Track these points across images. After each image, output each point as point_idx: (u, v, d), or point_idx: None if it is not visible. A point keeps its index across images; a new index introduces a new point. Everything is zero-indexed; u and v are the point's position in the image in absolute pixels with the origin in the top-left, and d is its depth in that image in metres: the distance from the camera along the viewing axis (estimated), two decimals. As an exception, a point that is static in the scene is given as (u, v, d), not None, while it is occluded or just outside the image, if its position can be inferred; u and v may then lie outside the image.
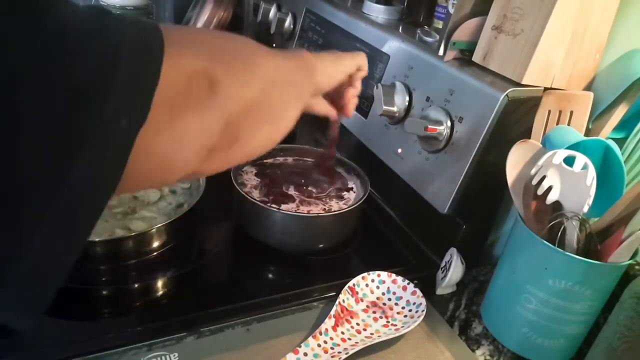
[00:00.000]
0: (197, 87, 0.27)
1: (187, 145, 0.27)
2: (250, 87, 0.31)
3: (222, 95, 0.28)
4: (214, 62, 0.28)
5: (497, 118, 0.53)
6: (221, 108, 0.29)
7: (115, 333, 0.48)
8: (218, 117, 0.29)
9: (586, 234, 0.46)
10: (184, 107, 0.26)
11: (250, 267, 0.62)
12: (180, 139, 0.26)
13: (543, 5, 0.50)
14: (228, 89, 0.29)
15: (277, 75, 0.35)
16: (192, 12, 1.10)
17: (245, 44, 0.34)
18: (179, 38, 0.27)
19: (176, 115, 0.25)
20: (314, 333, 0.49)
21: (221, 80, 0.28)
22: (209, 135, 0.28)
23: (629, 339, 0.41)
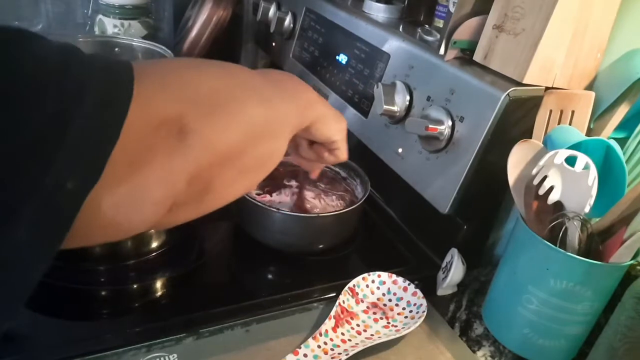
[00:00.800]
0: (164, 136, 0.24)
1: (145, 201, 0.24)
2: (227, 136, 0.28)
3: (191, 146, 0.25)
4: (186, 109, 0.25)
5: (498, 118, 0.52)
6: (189, 159, 0.26)
7: (114, 334, 0.48)
8: (185, 168, 0.26)
9: (587, 234, 0.46)
10: (146, 159, 0.24)
11: (250, 267, 0.62)
12: (138, 194, 0.24)
13: (544, 4, 0.50)
14: (200, 138, 0.26)
15: (267, 121, 0.31)
16: (192, 11, 1.09)
17: (234, 85, 0.30)
18: (152, 78, 0.25)
19: (136, 168, 0.23)
20: (314, 334, 0.49)
21: (193, 128, 0.25)
22: (172, 187, 0.25)
23: (631, 339, 0.41)
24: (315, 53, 0.86)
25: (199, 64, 0.30)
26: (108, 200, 0.22)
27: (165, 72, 0.27)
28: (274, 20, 0.94)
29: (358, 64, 0.75)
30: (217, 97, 0.28)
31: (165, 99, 0.25)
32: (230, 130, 0.28)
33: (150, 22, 1.07)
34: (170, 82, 0.26)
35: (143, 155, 0.23)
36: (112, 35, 1.01)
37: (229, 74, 0.31)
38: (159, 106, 0.24)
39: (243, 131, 0.29)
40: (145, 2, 1.05)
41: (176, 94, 0.26)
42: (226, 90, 0.29)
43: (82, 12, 1.08)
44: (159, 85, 0.25)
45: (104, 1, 1.01)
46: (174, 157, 0.25)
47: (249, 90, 0.31)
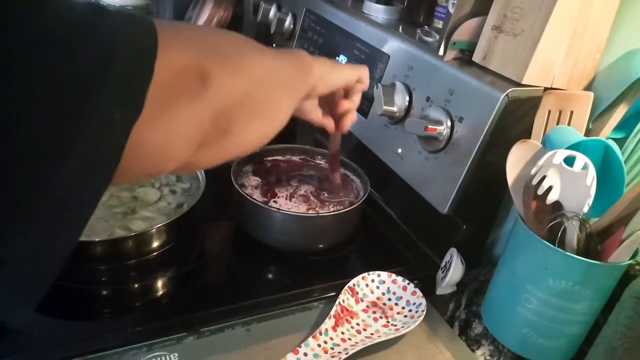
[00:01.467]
0: (188, 80, 0.28)
1: (179, 135, 0.28)
2: (240, 81, 0.32)
3: (212, 87, 0.29)
4: (205, 57, 0.29)
5: (497, 118, 0.53)
6: (212, 99, 0.30)
7: (115, 333, 0.48)
8: (208, 108, 0.30)
9: (586, 234, 0.46)
10: (175, 99, 0.27)
11: (250, 267, 0.62)
12: (172, 129, 0.27)
13: (543, 5, 0.50)
14: (218, 81, 0.30)
15: (268, 72, 0.36)
16: (192, 11, 1.10)
17: (237, 40, 0.35)
18: (172, 34, 0.28)
19: (167, 107, 0.26)
20: (314, 333, 0.49)
21: (212, 73, 0.29)
22: (200, 125, 0.29)
23: (630, 339, 0.41)
24: (316, 54, 0.86)
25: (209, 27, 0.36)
26: (148, 134, 0.25)
27: (182, 28, 0.31)
28: (274, 21, 0.94)
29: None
30: (230, 50, 0.33)
31: (185, 48, 0.28)
32: (242, 75, 0.33)
33: (150, 22, 1.08)
34: (189, 36, 0.30)
35: (173, 95, 0.27)
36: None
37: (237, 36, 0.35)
38: (181, 54, 0.28)
39: (252, 77, 0.33)
40: (146, 3, 1.06)
41: (194, 45, 0.29)
42: (237, 46, 0.34)
43: (83, 12, 1.08)
44: (179, 38, 0.29)
45: (105, 1, 1.01)
46: (198, 98, 0.29)
47: (255, 48, 0.36)
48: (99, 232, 0.57)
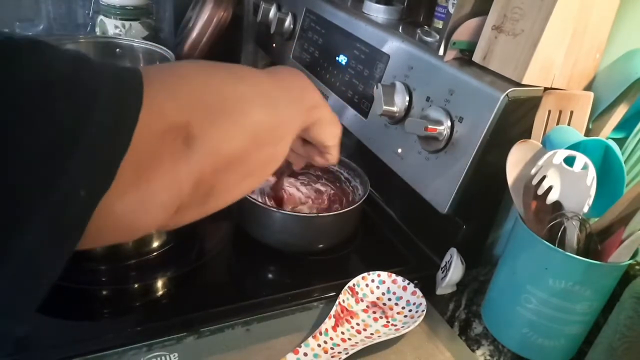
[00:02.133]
0: (170, 144, 0.25)
1: (153, 205, 0.25)
2: (232, 142, 0.29)
3: (197, 152, 0.26)
4: (194, 116, 0.26)
5: (497, 118, 0.53)
6: (194, 165, 0.26)
7: (115, 333, 0.48)
8: (190, 175, 0.26)
9: (586, 234, 0.46)
10: (153, 165, 0.24)
11: (250, 267, 0.62)
12: (146, 199, 0.24)
13: (543, 5, 0.50)
14: (205, 145, 0.27)
15: (269, 124, 0.31)
16: (192, 11, 1.10)
17: (237, 85, 0.30)
18: (161, 85, 0.25)
19: (143, 175, 0.24)
20: (314, 333, 0.49)
21: (199, 135, 0.26)
22: (179, 192, 0.26)
23: (630, 339, 0.41)
24: (315, 54, 0.86)
25: (208, 68, 0.30)
26: (118, 206, 0.23)
27: (174, 78, 0.27)
28: (274, 21, 0.94)
29: (358, 65, 0.75)
30: (224, 105, 0.28)
31: (173, 106, 0.25)
32: (235, 137, 0.29)
33: (151, 22, 1.08)
34: (179, 89, 0.27)
35: (150, 161, 0.24)
36: (113, 36, 1.02)
37: (237, 78, 0.31)
38: (167, 114, 0.25)
39: (247, 138, 0.30)
40: (146, 3, 1.05)
41: (184, 101, 0.26)
42: (233, 97, 0.29)
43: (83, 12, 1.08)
44: (167, 92, 0.26)
45: (105, 2, 1.01)
46: (180, 163, 0.26)
47: (255, 96, 0.31)
48: (99, 232, 0.57)
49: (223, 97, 0.29)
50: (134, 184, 0.23)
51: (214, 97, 0.28)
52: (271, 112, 0.32)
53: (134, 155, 0.22)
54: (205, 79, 0.29)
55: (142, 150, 0.23)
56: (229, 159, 0.29)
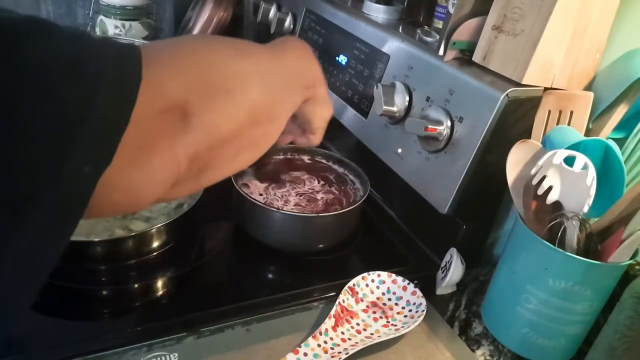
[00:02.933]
0: (169, 122, 0.26)
1: (153, 179, 0.26)
2: (229, 120, 0.29)
3: (194, 129, 0.27)
4: (192, 94, 0.26)
5: (497, 118, 0.53)
6: (191, 142, 0.27)
7: (115, 333, 0.48)
8: (187, 151, 0.27)
9: (586, 234, 0.46)
10: (152, 142, 0.25)
11: (250, 267, 0.62)
12: (146, 174, 0.25)
13: (543, 5, 0.50)
14: (202, 122, 0.27)
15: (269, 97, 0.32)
16: (192, 11, 1.10)
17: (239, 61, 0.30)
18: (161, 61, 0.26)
19: (143, 151, 0.24)
20: (314, 333, 0.49)
21: (196, 113, 0.26)
22: (176, 168, 0.27)
23: (629, 339, 0.41)
24: (315, 54, 0.86)
25: (210, 44, 0.31)
26: (118, 181, 0.23)
27: (173, 54, 0.28)
28: (274, 21, 0.94)
29: (358, 65, 0.75)
30: (223, 82, 0.29)
31: (172, 84, 0.26)
32: (232, 116, 0.29)
33: (151, 22, 1.08)
34: (178, 67, 0.27)
35: (149, 139, 0.25)
36: (113, 36, 1.02)
37: (238, 54, 0.31)
38: (165, 92, 0.25)
39: (244, 116, 0.30)
40: (146, 3, 1.05)
41: (183, 78, 0.26)
42: (232, 74, 0.29)
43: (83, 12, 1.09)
44: (167, 70, 0.26)
45: (105, 2, 1.01)
46: (178, 140, 0.26)
47: (255, 74, 0.31)
48: (99, 232, 0.57)
49: (222, 74, 0.29)
50: (134, 161, 0.24)
51: (213, 74, 0.28)
52: (270, 91, 0.32)
53: (134, 132, 0.22)
54: (206, 56, 0.29)
55: (141, 127, 0.23)
56: (225, 136, 0.29)
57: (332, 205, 0.65)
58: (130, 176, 0.24)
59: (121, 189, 0.24)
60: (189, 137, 0.27)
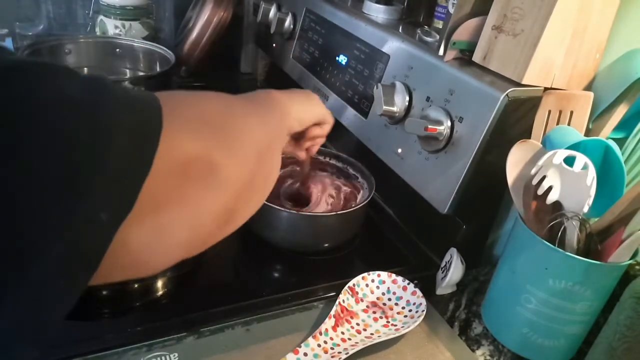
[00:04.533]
0: (195, 176, 0.25)
1: (171, 242, 0.24)
2: (247, 162, 0.29)
3: (222, 182, 0.26)
4: (212, 145, 0.26)
5: (497, 118, 0.53)
6: (220, 196, 0.26)
7: (115, 333, 0.48)
8: (214, 208, 0.26)
9: (586, 234, 0.46)
10: (173, 198, 0.23)
11: (250, 267, 0.62)
12: (164, 235, 0.24)
13: (543, 5, 0.50)
14: (227, 173, 0.26)
15: (264, 140, 0.33)
16: (192, 11, 1.10)
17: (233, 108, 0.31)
18: (177, 112, 0.25)
19: (163, 207, 0.23)
20: (314, 333, 0.49)
21: (221, 164, 0.26)
22: (200, 229, 0.26)
23: (629, 339, 0.41)
24: (316, 54, 0.86)
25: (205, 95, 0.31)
26: (134, 239, 0.22)
27: (185, 105, 0.27)
28: (274, 21, 0.94)
29: (358, 65, 0.75)
30: (233, 128, 0.29)
31: (190, 136, 0.25)
32: (247, 158, 0.30)
33: (151, 23, 1.08)
34: (192, 116, 0.26)
35: (170, 194, 0.23)
36: (113, 36, 1.02)
37: (228, 103, 0.32)
38: (186, 144, 0.24)
39: (254, 157, 0.30)
40: (146, 3, 1.05)
41: (199, 128, 0.26)
42: (235, 118, 0.30)
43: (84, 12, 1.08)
44: (183, 119, 0.25)
45: (105, 2, 1.01)
46: (205, 196, 0.25)
47: (249, 115, 0.33)
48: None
49: (232, 121, 0.29)
50: (152, 218, 0.22)
51: (222, 122, 0.29)
52: (265, 128, 0.34)
53: (154, 186, 0.21)
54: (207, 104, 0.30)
55: (162, 182, 0.22)
56: (245, 182, 0.29)
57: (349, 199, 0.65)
58: (146, 235, 0.23)
59: (135, 249, 0.22)
60: (218, 191, 0.26)
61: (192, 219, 0.25)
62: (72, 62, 0.95)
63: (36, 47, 0.88)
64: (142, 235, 0.22)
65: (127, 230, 0.21)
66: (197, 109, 0.28)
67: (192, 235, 0.26)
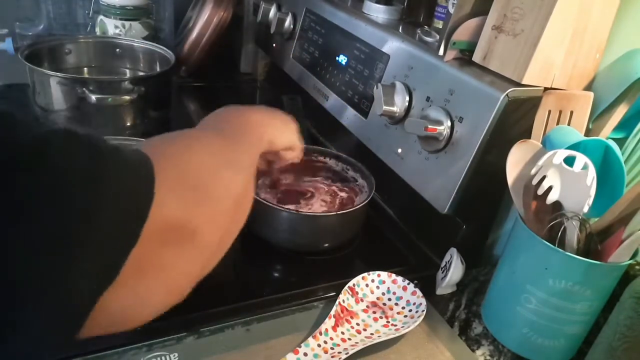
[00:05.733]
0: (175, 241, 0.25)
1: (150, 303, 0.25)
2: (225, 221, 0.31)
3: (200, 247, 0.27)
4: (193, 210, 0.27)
5: (497, 118, 0.53)
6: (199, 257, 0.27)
7: (115, 333, 0.48)
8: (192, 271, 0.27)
9: (586, 234, 0.46)
10: (154, 264, 0.24)
11: (250, 267, 0.62)
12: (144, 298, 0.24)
13: (543, 5, 0.50)
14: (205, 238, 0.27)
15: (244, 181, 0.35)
16: (192, 11, 1.10)
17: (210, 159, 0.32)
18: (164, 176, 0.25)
19: (145, 273, 0.24)
20: (314, 333, 0.49)
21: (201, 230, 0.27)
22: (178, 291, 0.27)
23: (629, 339, 0.41)
24: (315, 54, 0.86)
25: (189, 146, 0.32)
26: (114, 303, 0.22)
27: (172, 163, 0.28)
28: (274, 21, 0.94)
29: (358, 65, 0.75)
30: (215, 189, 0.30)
31: (175, 202, 0.25)
32: (225, 218, 0.31)
33: (151, 22, 1.08)
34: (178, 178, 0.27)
35: (151, 260, 0.24)
36: (113, 35, 1.02)
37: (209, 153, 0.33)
38: (171, 211, 0.25)
39: (232, 212, 0.32)
40: (146, 3, 1.05)
41: (184, 193, 0.26)
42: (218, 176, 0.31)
43: (83, 12, 1.08)
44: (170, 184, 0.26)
45: (105, 2, 1.01)
46: (183, 260, 0.26)
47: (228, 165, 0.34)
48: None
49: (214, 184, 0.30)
50: (133, 283, 0.23)
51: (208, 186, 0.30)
52: (242, 173, 0.35)
53: (137, 250, 0.22)
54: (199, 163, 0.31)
55: (144, 246, 0.22)
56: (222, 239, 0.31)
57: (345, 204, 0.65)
58: (127, 296, 0.23)
59: (114, 311, 0.23)
60: (195, 255, 0.27)
61: (169, 281, 0.26)
62: (72, 62, 0.95)
63: (36, 47, 0.88)
64: (120, 299, 0.23)
65: (108, 297, 0.21)
66: (183, 168, 0.29)
67: (168, 295, 0.27)
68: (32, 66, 0.80)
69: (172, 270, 0.26)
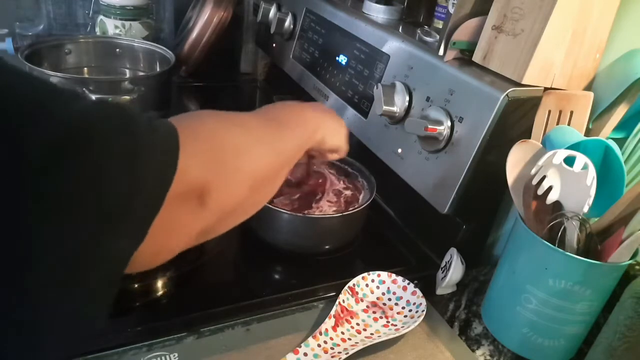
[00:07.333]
0: (186, 202, 0.28)
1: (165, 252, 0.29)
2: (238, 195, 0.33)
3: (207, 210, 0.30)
4: (211, 175, 0.29)
5: (497, 118, 0.53)
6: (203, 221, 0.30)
7: (115, 333, 0.48)
8: (198, 228, 0.30)
9: (586, 234, 0.46)
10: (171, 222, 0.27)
11: (250, 267, 0.62)
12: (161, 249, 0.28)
13: (543, 5, 0.50)
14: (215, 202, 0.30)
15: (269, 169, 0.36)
16: (192, 11, 1.10)
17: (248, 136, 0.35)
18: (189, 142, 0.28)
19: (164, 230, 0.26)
20: (314, 333, 0.49)
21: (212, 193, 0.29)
22: (186, 242, 0.30)
23: (629, 339, 0.41)
24: (315, 54, 0.86)
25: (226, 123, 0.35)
26: (138, 256, 0.25)
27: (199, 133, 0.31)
28: (274, 21, 0.94)
29: (358, 65, 0.75)
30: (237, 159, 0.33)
31: (196, 166, 0.28)
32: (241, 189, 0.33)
33: (151, 22, 1.08)
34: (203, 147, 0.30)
35: (169, 219, 0.26)
36: (113, 35, 1.02)
37: (246, 131, 0.35)
38: (190, 175, 0.28)
39: (250, 186, 0.34)
40: (146, 3, 1.05)
41: (205, 157, 0.29)
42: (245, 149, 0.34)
43: (84, 12, 1.08)
44: (194, 151, 0.28)
45: (105, 2, 1.01)
46: (193, 220, 0.29)
47: (264, 144, 0.36)
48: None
49: (237, 152, 0.33)
50: (153, 239, 0.26)
51: (229, 154, 0.32)
52: (272, 159, 0.36)
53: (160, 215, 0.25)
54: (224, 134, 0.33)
55: (165, 210, 0.25)
56: (232, 209, 0.33)
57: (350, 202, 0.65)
58: (147, 253, 0.26)
59: (138, 260, 0.25)
60: (202, 217, 0.30)
61: (181, 236, 0.29)
62: (72, 62, 0.95)
63: (36, 47, 0.88)
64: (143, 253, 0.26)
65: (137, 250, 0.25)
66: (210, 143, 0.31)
67: (179, 246, 0.30)
68: (32, 66, 0.80)
69: (176, 228, 0.29)
